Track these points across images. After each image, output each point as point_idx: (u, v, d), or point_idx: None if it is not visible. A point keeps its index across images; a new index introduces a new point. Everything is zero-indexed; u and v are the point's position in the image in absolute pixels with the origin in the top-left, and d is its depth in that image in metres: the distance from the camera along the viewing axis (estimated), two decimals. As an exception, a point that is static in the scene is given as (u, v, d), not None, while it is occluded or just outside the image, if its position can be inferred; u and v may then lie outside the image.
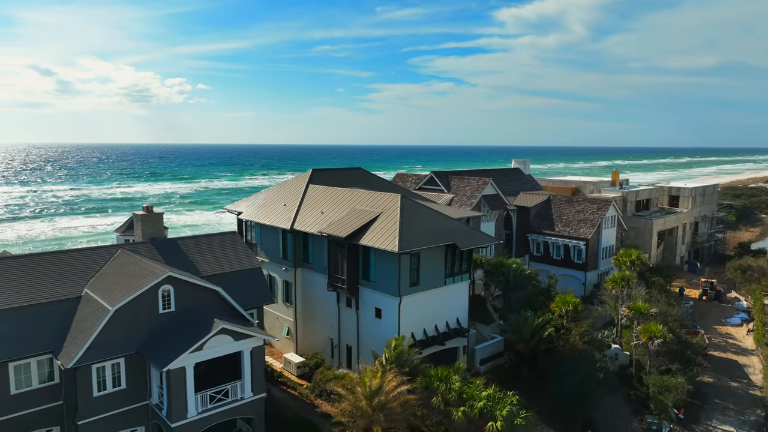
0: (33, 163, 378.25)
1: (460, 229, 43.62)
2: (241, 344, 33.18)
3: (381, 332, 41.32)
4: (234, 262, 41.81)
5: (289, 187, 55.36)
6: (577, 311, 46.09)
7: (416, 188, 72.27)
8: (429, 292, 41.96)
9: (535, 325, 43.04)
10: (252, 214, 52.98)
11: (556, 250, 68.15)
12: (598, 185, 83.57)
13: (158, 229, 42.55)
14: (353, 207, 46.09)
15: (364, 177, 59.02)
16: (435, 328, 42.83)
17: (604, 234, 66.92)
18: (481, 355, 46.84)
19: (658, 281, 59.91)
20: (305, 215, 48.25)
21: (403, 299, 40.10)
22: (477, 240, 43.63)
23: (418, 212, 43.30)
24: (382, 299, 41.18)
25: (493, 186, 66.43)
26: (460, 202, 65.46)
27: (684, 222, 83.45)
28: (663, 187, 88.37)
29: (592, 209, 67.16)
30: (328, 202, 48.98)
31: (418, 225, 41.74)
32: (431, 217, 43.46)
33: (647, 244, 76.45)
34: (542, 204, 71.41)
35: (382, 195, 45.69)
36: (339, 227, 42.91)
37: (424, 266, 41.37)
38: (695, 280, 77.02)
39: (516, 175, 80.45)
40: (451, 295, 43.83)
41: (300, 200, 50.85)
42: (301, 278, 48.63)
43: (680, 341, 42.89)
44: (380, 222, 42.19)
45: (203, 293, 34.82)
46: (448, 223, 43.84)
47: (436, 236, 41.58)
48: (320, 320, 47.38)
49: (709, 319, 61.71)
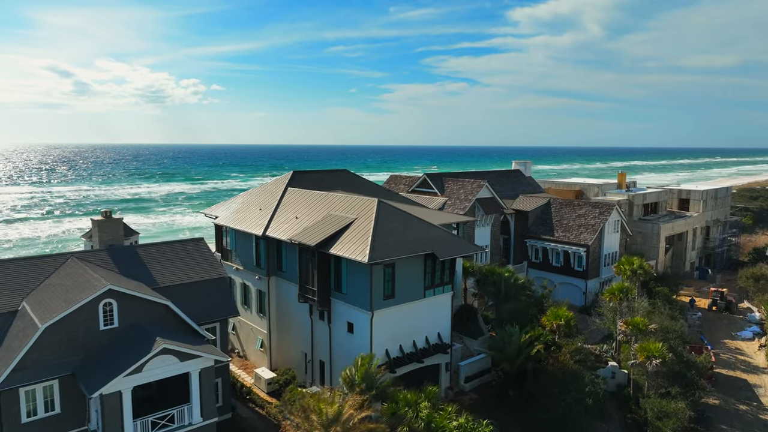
0: (47, 163, 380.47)
1: (441, 237, 40.29)
2: (187, 365, 30.20)
3: (353, 348, 38.15)
4: (197, 271, 38.94)
5: (268, 190, 52.40)
6: (569, 326, 42.52)
7: (409, 190, 69.08)
8: (406, 306, 38.71)
9: (521, 342, 39.57)
10: (227, 218, 50.07)
11: (555, 257, 64.52)
12: (603, 188, 79.66)
13: (117, 235, 39.81)
14: (329, 212, 42.98)
15: (349, 179, 55.84)
16: (413, 344, 39.55)
17: (607, 240, 63.14)
18: (466, 372, 43.46)
19: (662, 291, 55.99)
20: (280, 221, 45.22)
21: (376, 313, 36.88)
22: (459, 248, 40.27)
23: (396, 218, 40.05)
24: (355, 313, 38.01)
25: (488, 189, 62.98)
26: (453, 206, 62.12)
27: (694, 226, 79.26)
28: (672, 189, 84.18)
29: (593, 214, 63.42)
30: (304, 206, 45.94)
31: (395, 232, 38.51)
32: (410, 224, 40.20)
33: (654, 250, 72.50)
34: (542, 208, 67.78)
35: (359, 199, 42.53)
36: (309, 235, 39.81)
37: (401, 277, 38.12)
38: (705, 288, 72.84)
39: (516, 177, 76.85)
40: (432, 308, 40.53)
41: (276, 204, 47.84)
42: (275, 288, 45.62)
43: (682, 361, 39.22)
44: (353, 229, 39.02)
45: (152, 307, 32.00)
46: (428, 230, 40.54)
47: (414, 245, 38.32)
48: (294, 333, 44.35)
49: (718, 332, 57.69)
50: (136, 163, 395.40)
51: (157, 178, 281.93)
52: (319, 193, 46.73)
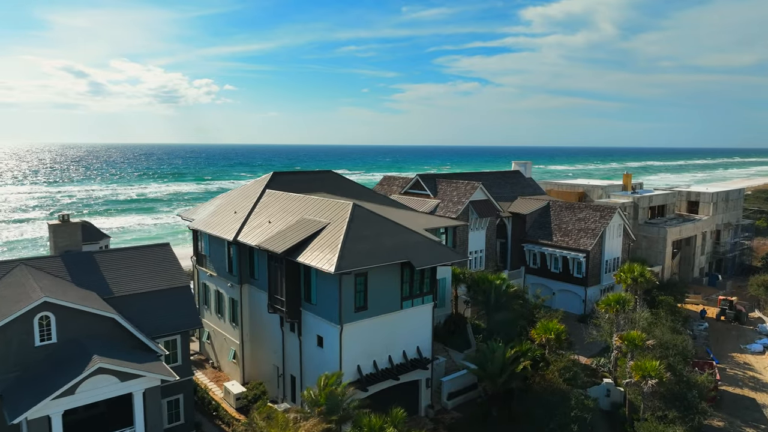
0: (60, 162, 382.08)
1: (420, 244, 37.38)
2: (129, 385, 27.63)
3: (323, 363, 35.40)
4: (158, 279, 36.45)
5: (246, 192, 49.86)
6: (560, 341, 39.37)
7: (402, 192, 66.24)
8: (380, 318, 35.85)
9: (506, 358, 36.51)
10: (201, 221, 47.57)
11: (554, 263, 61.30)
12: (607, 189, 76.21)
13: (74, 241, 37.44)
14: (302, 216, 40.26)
15: (333, 180, 53.13)
16: (388, 359, 36.66)
17: (608, 245, 59.79)
18: (449, 388, 40.51)
19: (666, 301, 52.54)
20: (253, 225, 42.57)
21: (346, 327, 34.07)
22: (439, 257, 37.31)
23: (371, 223, 37.20)
24: (324, 326, 35.24)
25: (482, 191, 59.91)
26: (446, 209, 59.17)
27: (704, 230, 75.50)
28: (681, 191, 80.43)
29: (594, 217, 60.10)
30: (279, 209, 43.27)
31: (368, 239, 35.68)
32: (386, 230, 37.32)
33: (660, 255, 68.98)
34: (540, 211, 64.56)
35: (333, 203, 39.75)
36: (277, 241, 37.10)
37: (375, 288, 35.27)
38: (715, 295, 69.11)
39: (515, 178, 73.66)
40: (410, 320, 37.63)
41: (251, 207, 45.26)
42: (248, 296, 43.00)
43: (682, 381, 35.94)
44: (324, 235, 36.25)
45: (97, 321, 29.54)
46: (406, 236, 37.64)
47: (389, 252, 35.46)
48: (266, 345, 41.70)
49: (726, 344, 54.12)
50: (147, 163, 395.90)
51: (167, 177, 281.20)
52: (295, 195, 44.05)
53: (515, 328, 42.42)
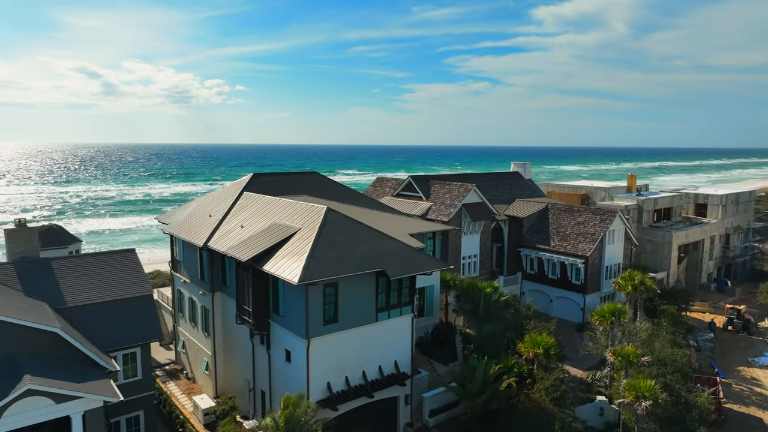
0: (70, 162, 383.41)
1: (396, 251, 34.85)
2: (66, 408, 25.31)
3: (291, 379, 33.05)
4: (118, 287, 34.32)
5: (224, 194, 47.62)
6: (548, 356, 36.60)
7: (394, 194, 63.72)
8: (353, 332, 33.37)
9: (488, 375, 33.88)
10: (176, 225, 45.37)
11: (551, 268, 58.46)
12: (611, 191, 73.18)
13: (30, 246, 35.27)
14: (275, 221, 37.88)
15: (317, 182, 50.71)
16: (362, 375, 34.15)
17: (609, 250, 56.86)
18: (431, 404, 37.93)
19: (669, 310, 49.52)
20: (226, 229, 40.26)
21: (314, 341, 31.63)
22: (416, 265, 34.75)
23: (345, 229, 34.73)
24: (292, 340, 32.83)
25: (476, 193, 57.23)
26: (438, 212, 56.58)
27: (712, 234, 72.24)
28: (688, 193, 77.14)
29: (593, 221, 57.19)
30: (253, 213, 40.94)
31: (341, 246, 33.21)
32: (361, 236, 34.82)
33: (665, 261, 65.91)
34: (538, 214, 61.74)
35: (306, 207, 37.32)
36: (244, 248, 34.74)
37: (346, 299, 32.80)
38: (723, 302, 65.92)
39: (514, 179, 70.85)
40: (387, 333, 35.09)
41: (227, 211, 42.98)
42: (220, 305, 40.69)
43: (680, 402, 33.10)
44: (294, 242, 33.83)
45: (37, 335, 27.23)
46: (383, 243, 35.12)
47: (362, 261, 32.97)
48: (238, 357, 39.38)
49: (732, 356, 51.00)
50: (157, 163, 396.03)
51: (176, 178, 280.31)
52: (271, 198, 41.69)
53: (502, 341, 39.69)
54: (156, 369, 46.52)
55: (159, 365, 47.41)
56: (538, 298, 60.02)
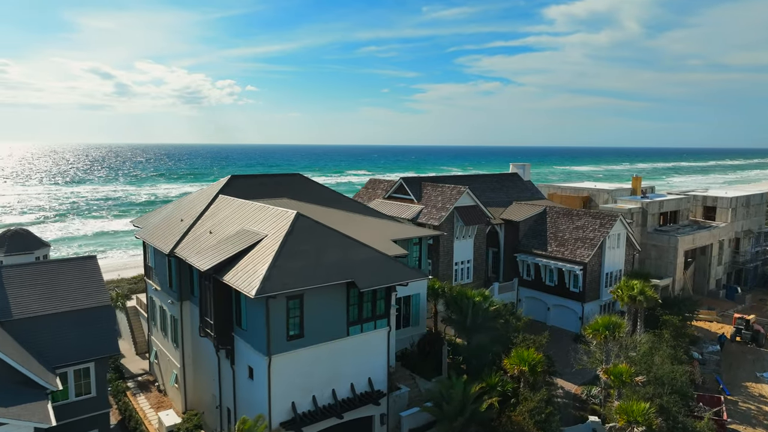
0: (81, 163, 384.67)
1: (370, 260, 32.36)
2: (-10, 433, 23.16)
3: (254, 398, 30.71)
4: (74, 297, 32.24)
5: (199, 197, 45.50)
6: (535, 373, 33.87)
7: (385, 196, 61.23)
8: (321, 347, 30.94)
9: (468, 395, 31.28)
10: (148, 230, 43.23)
11: (548, 275, 55.64)
12: (614, 194, 70.13)
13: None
14: (244, 226, 35.55)
15: (300, 184, 48.37)
16: (332, 394, 31.69)
17: (609, 256, 53.95)
18: (410, 424, 35.40)
19: (671, 321, 46.52)
20: (195, 235, 37.98)
21: (276, 359, 29.22)
22: (389, 276, 32.22)
23: (315, 237, 32.28)
24: (254, 356, 30.46)
25: (470, 195, 54.57)
26: (429, 215, 54.00)
27: (721, 238, 68.98)
28: (696, 196, 73.84)
29: (593, 226, 54.30)
30: (225, 218, 38.66)
31: (308, 255, 30.79)
32: (333, 244, 32.36)
33: (671, 266, 62.80)
34: (535, 217, 58.92)
35: (275, 212, 34.94)
36: (205, 256, 32.44)
37: (314, 312, 30.37)
38: (731, 310, 62.71)
39: (512, 181, 68.05)
40: (360, 348, 32.62)
41: (199, 215, 40.78)
42: (189, 314, 38.38)
43: (677, 427, 30.31)
44: (258, 250, 31.47)
45: (-32, 352, 25.12)
46: (356, 251, 32.64)
47: (330, 271, 30.52)
48: (206, 370, 37.09)
49: (740, 371, 47.91)
50: (169, 163, 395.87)
51: (184, 178, 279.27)
52: (244, 202, 39.38)
53: (488, 356, 37.04)
54: (128, 380, 44.44)
55: (132, 376, 45.30)
56: (534, 305, 57.35)
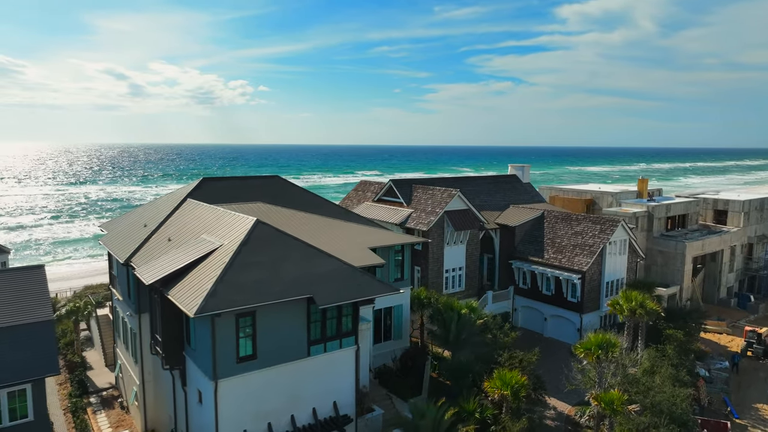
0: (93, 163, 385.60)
1: (334, 273, 29.38)
2: None
3: (204, 424, 27.88)
4: (11, 312, 29.53)
5: (167, 200, 42.80)
6: (518, 399, 30.67)
7: (375, 199, 58.25)
8: (278, 369, 28.04)
9: (442, 421, 28.20)
10: (111, 236, 40.62)
11: (545, 284, 52.30)
12: (618, 196, 66.56)
13: None
14: (203, 234, 32.75)
15: (277, 188, 45.54)
16: (291, 420, 28.78)
17: (609, 264, 50.50)
18: (381, 451, 32.43)
19: (675, 336, 43.01)
20: (154, 243, 35.25)
21: (224, 383, 26.36)
22: (355, 290, 29.21)
23: (274, 247, 29.37)
24: (202, 379, 27.64)
25: (461, 199, 51.41)
26: (418, 220, 50.92)
27: (732, 244, 65.17)
28: (707, 198, 70.01)
29: (593, 231, 50.89)
30: (186, 224, 35.92)
31: (263, 268, 27.89)
32: (294, 255, 29.44)
33: (678, 274, 59.16)
34: (532, 222, 55.58)
35: (235, 218, 32.10)
36: (153, 267, 29.67)
37: (268, 331, 27.48)
38: (743, 321, 58.93)
39: (510, 183, 64.73)
40: (322, 369, 29.67)
41: (162, 221, 38.05)
42: (148, 328, 35.65)
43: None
44: (209, 262, 28.62)
45: None
46: (319, 263, 29.68)
47: (287, 286, 27.59)
48: (163, 390, 34.32)
49: (750, 390, 44.26)
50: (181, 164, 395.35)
51: (192, 178, 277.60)
52: (207, 207, 36.61)
53: (468, 376, 33.87)
54: (93, 395, 41.89)
55: (97, 390, 42.72)
56: (531, 315, 54.10)
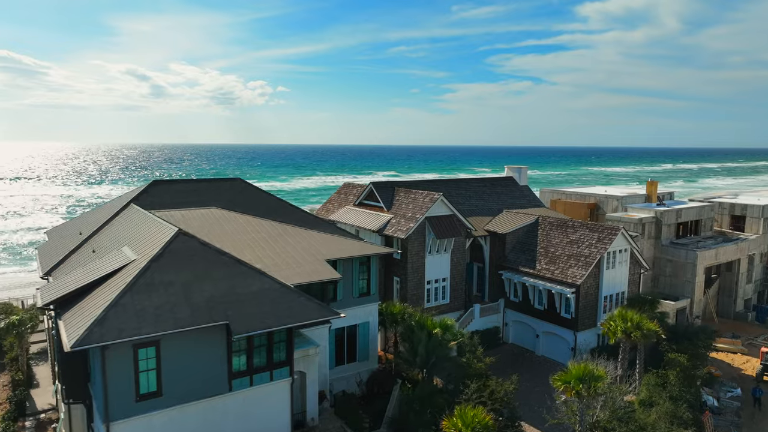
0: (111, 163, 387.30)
1: (261, 295, 25.18)
2: None
3: (106, 472, 23.86)
4: None
5: (110, 206, 39.10)
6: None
7: (356, 203, 53.98)
8: (191, 408, 23.92)
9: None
10: (45, 245, 37.01)
11: (537, 297, 47.48)
12: (624, 200, 61.29)
13: None
14: (127, 245, 28.80)
15: (237, 192, 41.62)
16: (208, 466, 24.65)
17: (608, 276, 45.46)
18: (325, 497, 28.14)
19: (679, 361, 37.83)
20: (81, 255, 31.52)
21: (119, 426, 22.29)
22: (286, 315, 24.92)
23: (195, 263, 25.27)
24: (98, 419, 23.63)
25: (444, 204, 46.85)
26: (397, 226, 46.51)
27: (750, 252, 59.53)
28: (722, 203, 64.31)
29: (590, 240, 45.93)
30: (117, 233, 32.10)
31: (174, 289, 23.80)
32: (216, 274, 25.30)
33: (688, 285, 53.84)
34: (525, 229, 50.74)
35: (158, 228, 28.13)
36: (51, 287, 25.75)
37: (177, 363, 23.38)
38: (761, 338, 53.38)
39: (506, 186, 59.88)
40: (249, 406, 25.49)
41: (97, 228, 34.36)
42: (73, 350, 31.86)
43: None
44: (113, 281, 24.62)
45: None
46: (247, 282, 25.50)
47: (199, 311, 23.45)
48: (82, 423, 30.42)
49: (765, 423, 38.95)
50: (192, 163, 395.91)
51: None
52: (143, 214, 32.78)
53: (426, 413, 29.34)
54: (29, 418, 38.24)
55: (35, 413, 39.05)
56: (522, 331, 49.35)
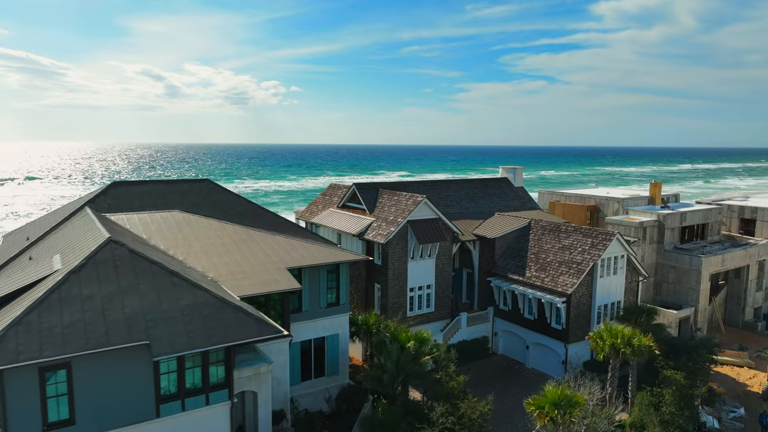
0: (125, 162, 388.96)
1: (193, 311, 22.68)
2: None
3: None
4: None
5: (65, 209, 36.94)
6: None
7: (339, 205, 51.44)
8: (111, 435, 21.50)
9: None
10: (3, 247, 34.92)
11: (527, 306, 44.58)
12: (626, 203, 58.06)
13: None
14: (62, 252, 26.52)
15: (204, 194, 39.26)
16: (133, 500, 22.21)
17: (602, 285, 42.42)
18: None
19: (675, 379, 34.69)
20: (19, 263, 29.34)
21: (23, 458, 19.95)
22: (219, 334, 22.38)
23: (120, 275, 22.85)
24: (8, 448, 21.29)
25: (428, 206, 44.12)
26: (377, 231, 43.90)
27: (761, 258, 56.01)
28: (731, 206, 60.78)
29: (583, 246, 42.92)
30: (60, 240, 29.86)
31: (91, 304, 21.40)
32: (144, 287, 22.86)
33: (693, 293, 50.55)
34: (516, 233, 47.83)
35: (91, 234, 25.81)
36: (-35, 299, 23.46)
37: (95, 387, 20.95)
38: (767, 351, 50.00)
39: (500, 188, 56.93)
40: None
41: (45, 233, 32.20)
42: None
43: None
44: (28, 295, 22.29)
45: None
46: (178, 297, 23.01)
47: (118, 329, 21.01)
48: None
49: (770, 445, 35.77)
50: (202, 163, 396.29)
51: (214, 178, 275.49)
52: (89, 219, 30.46)
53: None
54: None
55: None
56: (512, 342, 46.51)
